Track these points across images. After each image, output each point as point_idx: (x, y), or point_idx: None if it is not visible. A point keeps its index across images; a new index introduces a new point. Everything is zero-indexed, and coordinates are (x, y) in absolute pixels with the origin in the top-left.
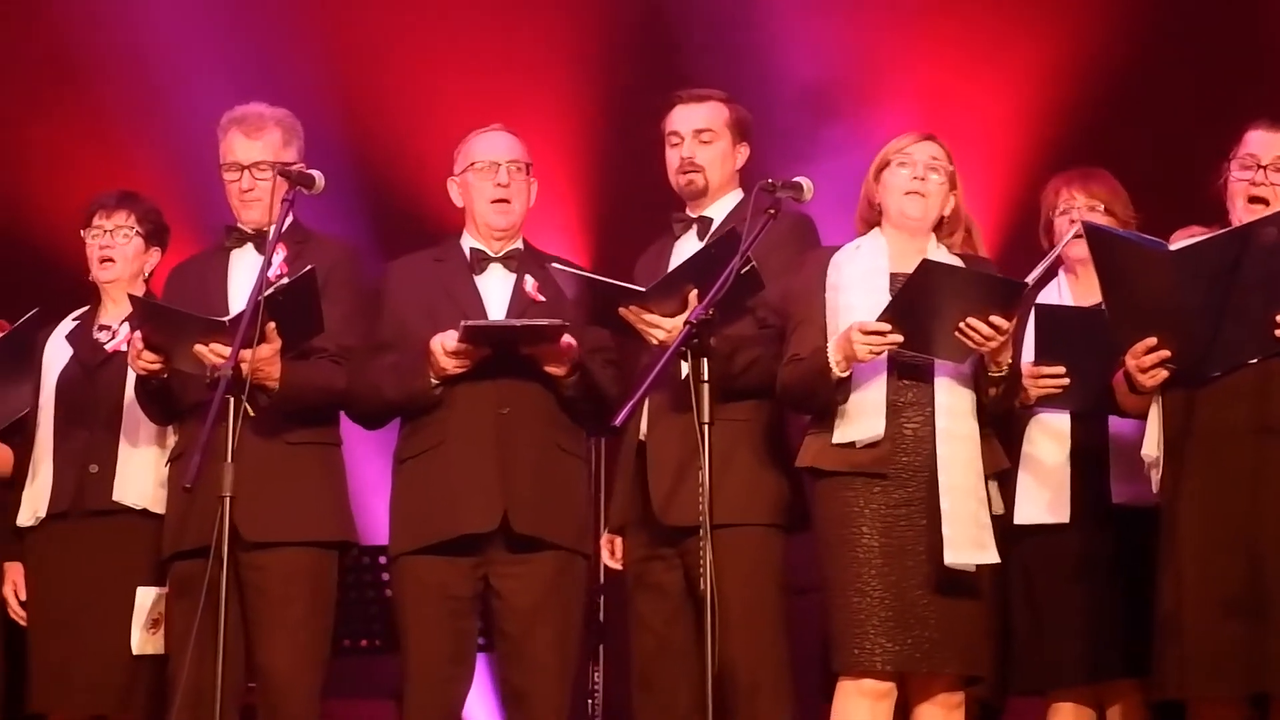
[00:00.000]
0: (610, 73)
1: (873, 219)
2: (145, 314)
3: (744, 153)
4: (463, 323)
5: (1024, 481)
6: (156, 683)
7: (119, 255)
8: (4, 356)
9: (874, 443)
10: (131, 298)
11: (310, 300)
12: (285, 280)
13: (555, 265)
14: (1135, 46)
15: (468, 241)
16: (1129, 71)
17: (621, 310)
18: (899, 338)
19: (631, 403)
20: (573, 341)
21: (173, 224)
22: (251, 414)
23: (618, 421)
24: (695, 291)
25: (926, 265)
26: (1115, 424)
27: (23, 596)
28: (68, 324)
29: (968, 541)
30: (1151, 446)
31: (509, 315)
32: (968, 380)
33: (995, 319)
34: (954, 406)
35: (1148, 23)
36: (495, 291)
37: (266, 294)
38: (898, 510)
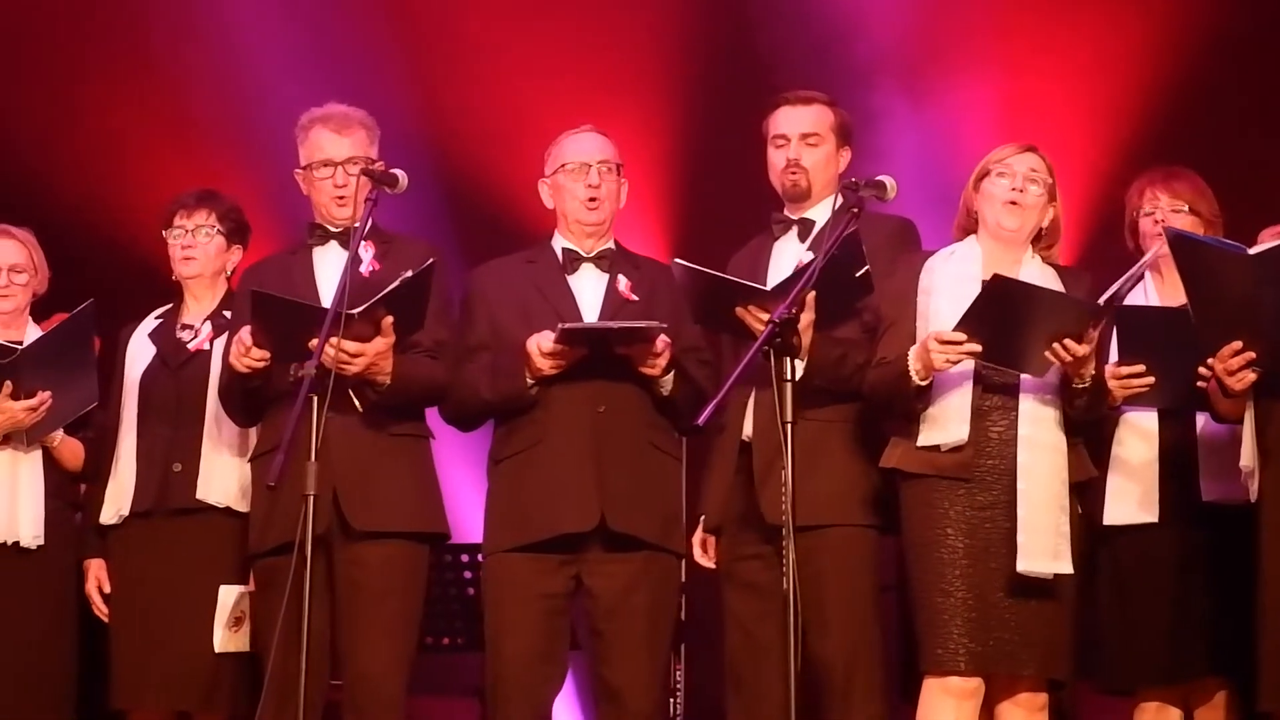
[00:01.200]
0: (697, 72)
1: (970, 227)
2: (261, 308)
3: (846, 157)
4: (560, 326)
5: (1113, 482)
6: (239, 680)
7: (200, 254)
8: (58, 348)
9: (958, 447)
10: (252, 293)
11: (424, 296)
12: (409, 274)
13: (677, 261)
14: (1215, 42)
15: (559, 242)
16: (1208, 67)
17: (738, 309)
18: (976, 347)
19: (714, 403)
20: (667, 341)
21: (252, 222)
22: (360, 409)
23: (700, 421)
24: (814, 294)
25: (997, 281)
26: (1203, 422)
27: (106, 592)
28: (150, 322)
29: (1043, 551)
30: (1247, 457)
31: (602, 315)
32: (1054, 388)
33: (1070, 344)
34: (1038, 413)
35: (1229, 17)
36: (588, 291)
37: (392, 288)
38: (982, 513)
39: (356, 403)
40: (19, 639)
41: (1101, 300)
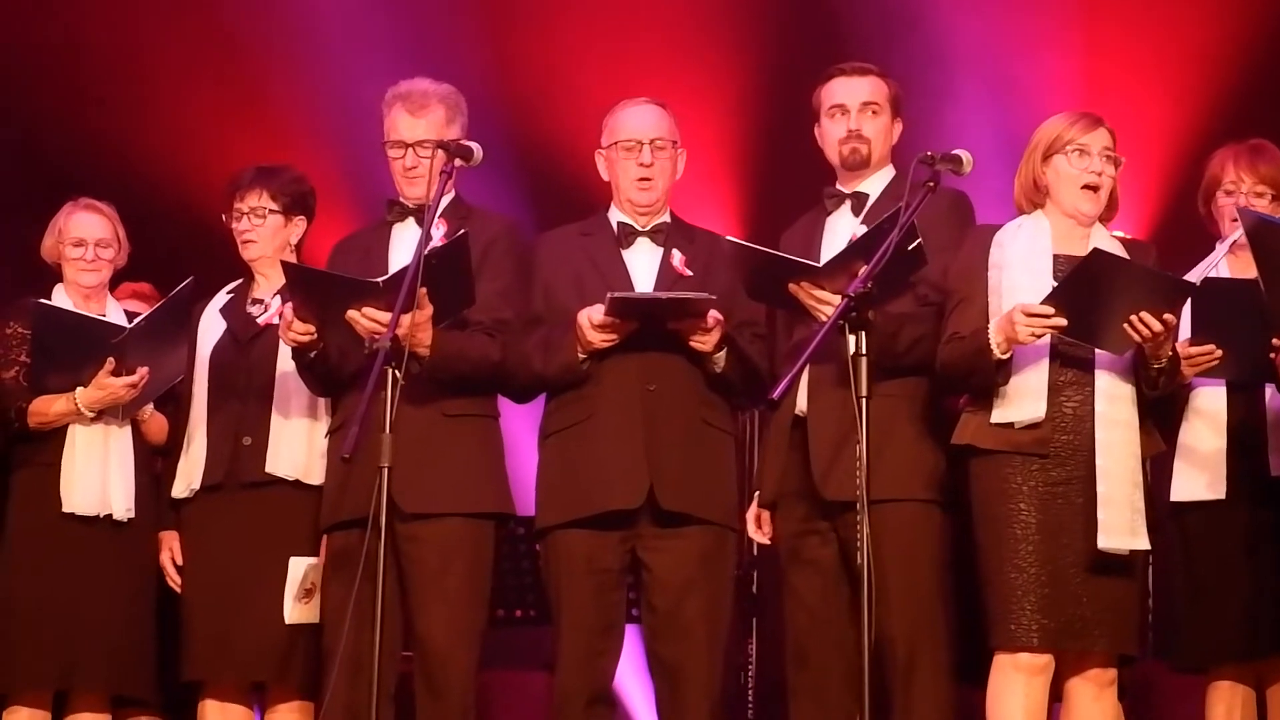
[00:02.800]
0: (766, 44)
1: (1037, 200)
2: (296, 279)
3: (899, 129)
4: (609, 295)
5: (1181, 458)
6: (313, 652)
7: (258, 235)
8: (160, 325)
9: (1035, 424)
10: (283, 264)
11: (463, 267)
12: (439, 244)
13: (729, 239)
14: None
15: (615, 215)
16: None
17: (791, 286)
18: (1062, 322)
19: (789, 377)
20: (719, 316)
21: (333, 198)
22: (402, 381)
23: (775, 395)
24: (865, 269)
25: (1097, 255)
26: (1272, 397)
27: (180, 564)
28: (221, 297)
29: (1123, 527)
30: None
31: (656, 289)
32: (1128, 365)
33: (1166, 316)
34: (1114, 390)
35: None
36: (642, 265)
37: (420, 256)
38: (1056, 488)
39: (398, 375)
40: (110, 610)
41: (1196, 280)
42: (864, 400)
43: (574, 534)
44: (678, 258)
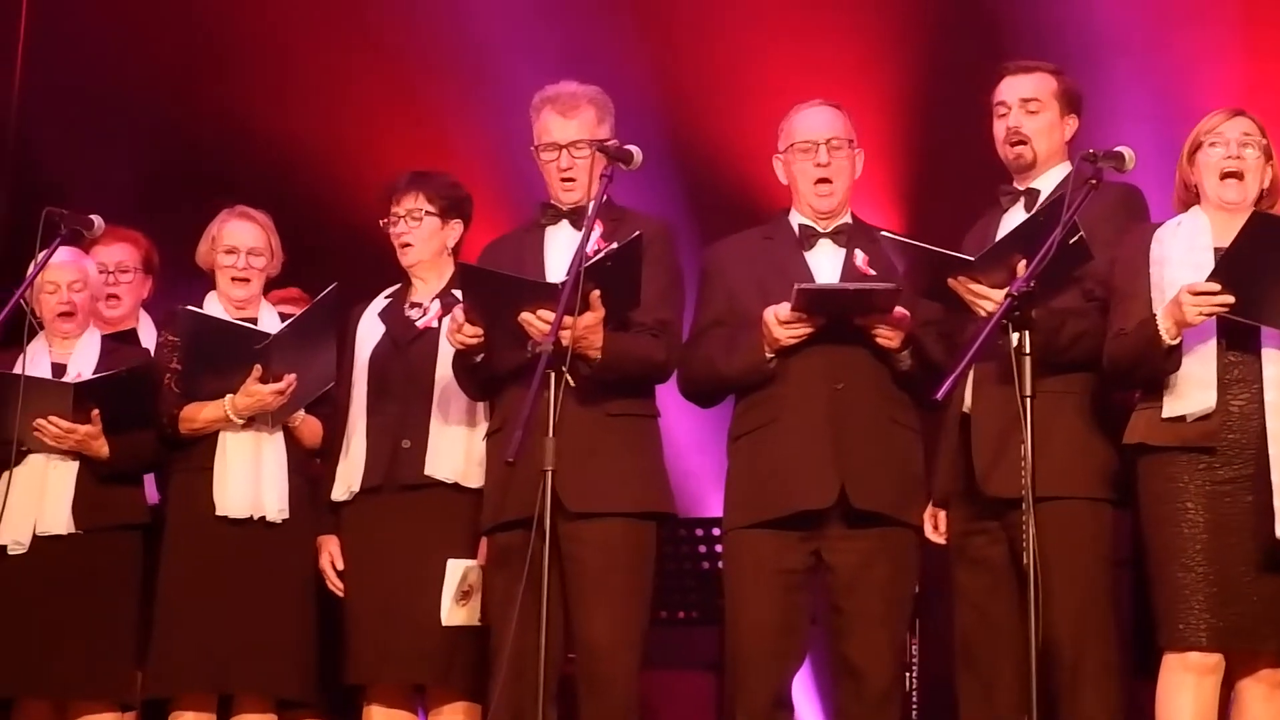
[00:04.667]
0: (931, 44)
1: (1189, 200)
2: (470, 281)
3: (1072, 124)
4: (796, 286)
5: None
6: (475, 653)
7: (415, 239)
8: (305, 331)
9: (1204, 416)
10: (459, 265)
11: (634, 269)
12: (614, 246)
13: (885, 234)
14: None
15: (796, 218)
16: None
17: (950, 281)
18: (1229, 298)
19: (953, 376)
20: (905, 312)
21: (487, 201)
22: (572, 384)
23: (940, 395)
24: (1023, 262)
25: (1257, 217)
26: None
27: (340, 568)
28: (380, 301)
29: None
30: None
31: None
32: None
33: None
34: None
35: None
36: (825, 266)
37: (594, 260)
38: (1222, 487)
39: (569, 379)
40: (268, 612)
41: None
42: (1028, 399)
43: (758, 534)
44: (861, 258)
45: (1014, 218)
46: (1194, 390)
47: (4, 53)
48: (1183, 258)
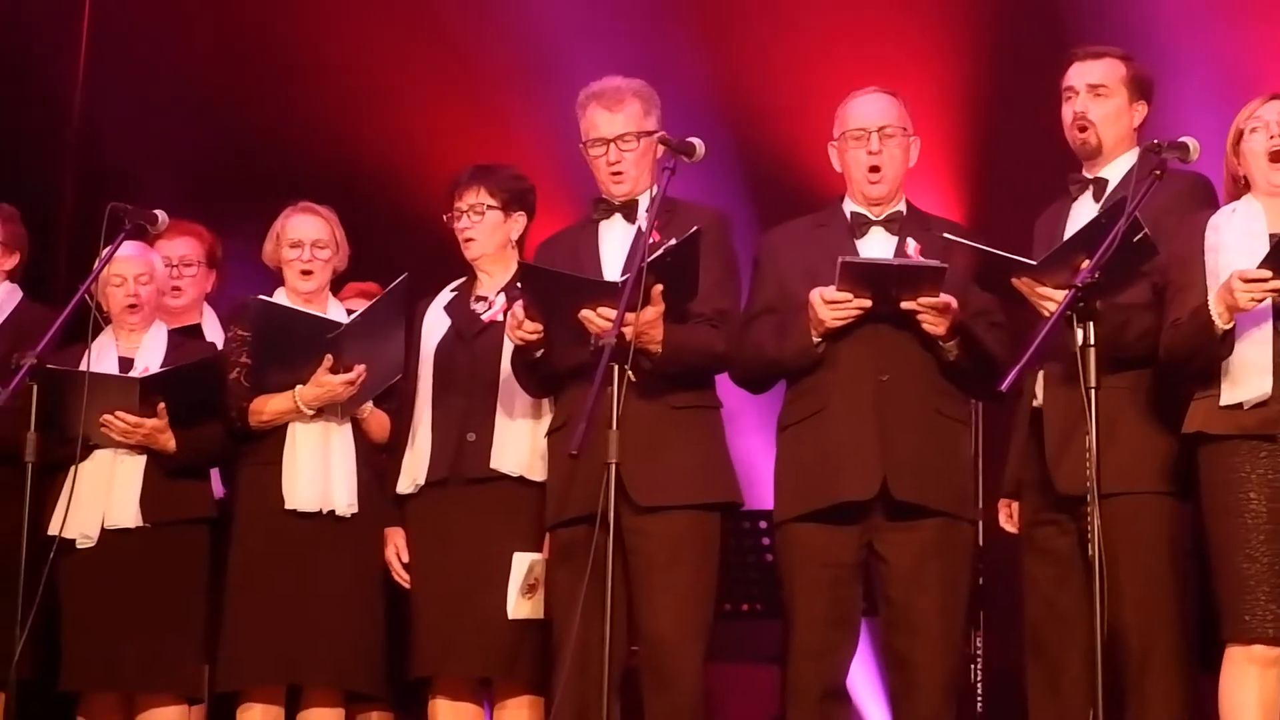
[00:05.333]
0: (990, 31)
1: (1239, 194)
2: (529, 279)
3: (1141, 111)
4: (839, 259)
5: None
6: (540, 647)
7: (478, 233)
8: (376, 321)
9: (1261, 403)
10: (521, 264)
11: (693, 263)
12: (673, 241)
13: (947, 235)
14: None
15: (849, 205)
16: None
17: (1014, 281)
18: None
19: (1017, 368)
20: (951, 300)
21: (551, 194)
22: (633, 379)
23: (1004, 387)
24: (1088, 262)
25: None
26: None
27: (405, 560)
28: (446, 295)
29: None
30: None
31: None
32: None
33: None
34: None
35: None
36: (876, 254)
37: (654, 256)
38: None
39: (630, 374)
40: (337, 606)
41: None
42: (1093, 392)
43: (809, 527)
44: (912, 246)
45: (1082, 207)
46: (1250, 376)
47: (68, 49)
48: (1238, 244)
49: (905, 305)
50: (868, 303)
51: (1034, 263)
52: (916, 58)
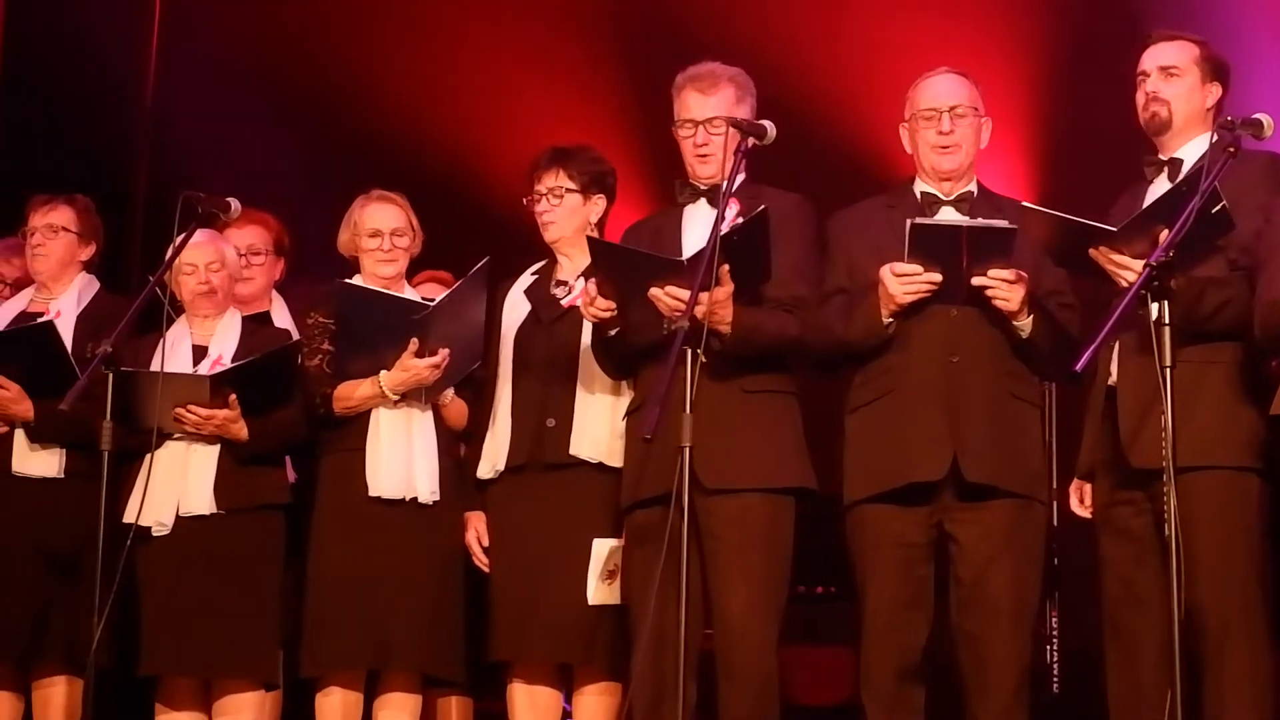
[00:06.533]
0: (1067, 12)
1: None
2: (599, 255)
3: (1214, 92)
4: (909, 221)
5: None
6: (618, 633)
7: (557, 216)
8: (460, 304)
9: None
10: (589, 240)
11: (762, 243)
12: (740, 220)
13: (1025, 204)
14: None
15: (919, 186)
16: None
17: (1091, 251)
18: None
19: (1092, 347)
20: (1021, 273)
21: (633, 178)
22: (704, 359)
23: (1078, 367)
24: (1166, 232)
25: None
26: None
27: (486, 545)
28: (526, 278)
29: None
30: None
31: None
32: None
33: None
34: None
35: None
36: None
37: (721, 234)
38: None
39: (700, 355)
40: (418, 591)
41: None
42: (1168, 369)
43: (880, 508)
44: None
45: (1158, 189)
46: None
47: (139, 39)
48: None
49: (976, 280)
50: (938, 276)
51: (1113, 229)
52: (989, 39)
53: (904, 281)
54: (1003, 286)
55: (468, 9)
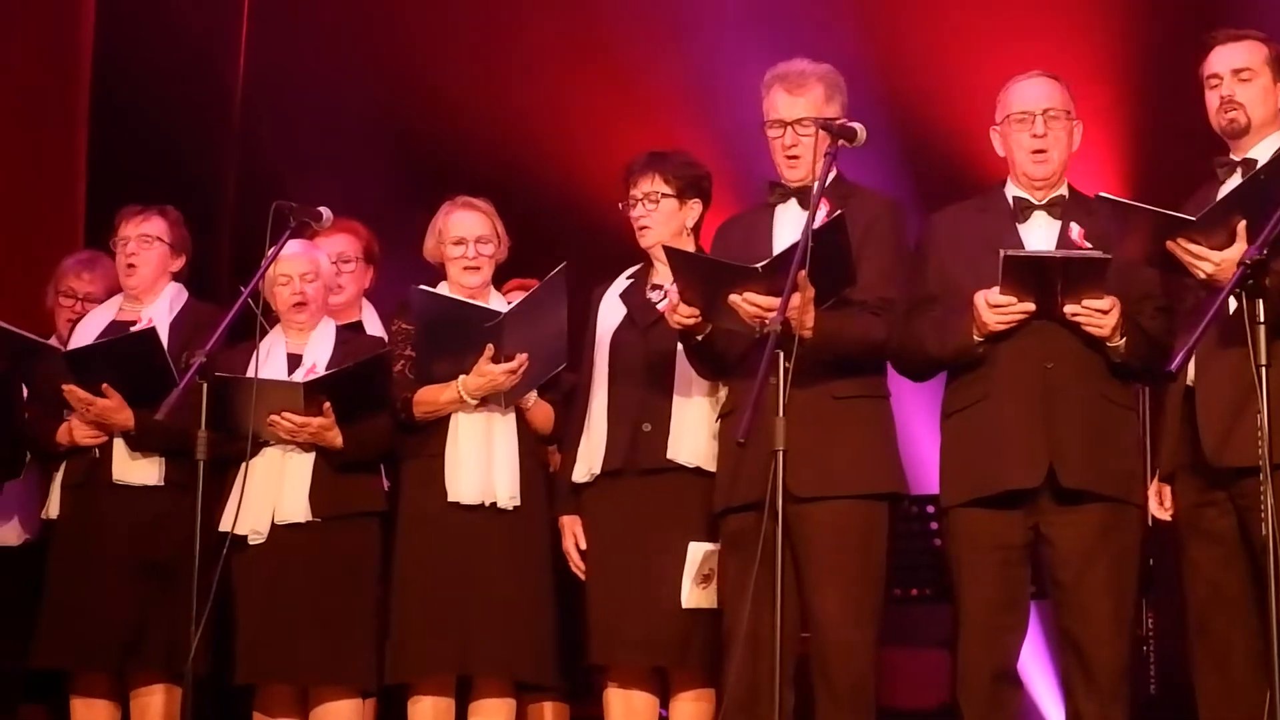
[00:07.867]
0: (1159, 15)
1: None
2: (677, 264)
3: None
4: (1001, 252)
5: None
6: (713, 638)
7: (653, 221)
8: (536, 310)
9: None
10: (665, 249)
11: (842, 247)
12: (815, 225)
13: (1103, 195)
14: None
15: (1011, 190)
16: None
17: (1169, 245)
18: None
19: (1188, 348)
20: (1115, 301)
21: (725, 181)
22: (786, 364)
23: (1173, 367)
24: (1244, 223)
25: None
26: None
27: (582, 548)
28: (622, 282)
29: None
30: None
31: None
32: None
33: None
34: None
35: None
36: (1039, 239)
37: (797, 240)
38: None
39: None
40: (501, 598)
41: None
42: (1263, 368)
43: (976, 511)
44: (1076, 230)
45: (1230, 189)
46: None
47: (228, 51)
48: None
49: (1069, 309)
50: (1031, 306)
51: (1191, 219)
52: (1081, 43)
53: (998, 312)
54: (1096, 316)
55: (557, 22)
